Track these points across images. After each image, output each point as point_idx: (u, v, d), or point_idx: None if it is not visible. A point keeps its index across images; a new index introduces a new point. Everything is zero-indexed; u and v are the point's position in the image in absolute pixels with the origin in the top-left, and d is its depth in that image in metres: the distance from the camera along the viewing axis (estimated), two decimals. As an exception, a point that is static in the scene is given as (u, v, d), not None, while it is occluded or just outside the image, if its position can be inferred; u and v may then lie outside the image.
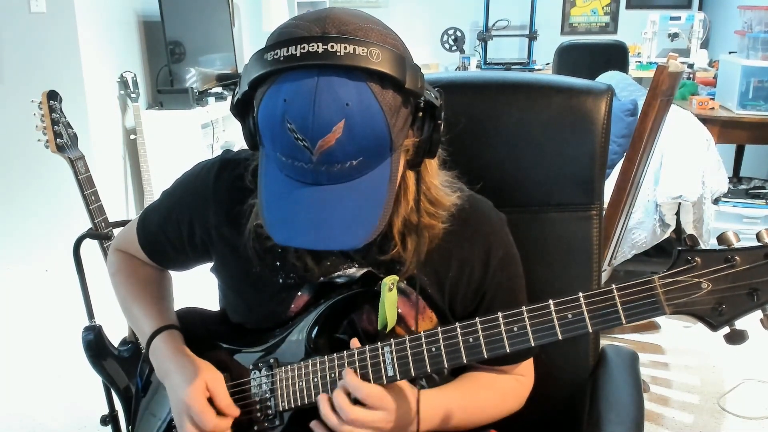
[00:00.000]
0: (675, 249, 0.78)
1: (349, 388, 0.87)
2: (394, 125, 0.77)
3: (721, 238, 0.76)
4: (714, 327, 0.77)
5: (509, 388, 1.05)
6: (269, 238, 0.94)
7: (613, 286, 0.79)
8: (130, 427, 1.16)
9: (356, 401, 0.88)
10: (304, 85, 0.74)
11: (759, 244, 0.74)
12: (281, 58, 0.74)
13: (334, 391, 0.89)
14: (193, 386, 0.96)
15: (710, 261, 0.76)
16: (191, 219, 1.03)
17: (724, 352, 2.65)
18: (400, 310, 0.97)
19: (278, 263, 0.98)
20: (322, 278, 0.98)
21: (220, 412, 0.97)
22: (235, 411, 0.98)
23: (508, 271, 1.02)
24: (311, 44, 0.74)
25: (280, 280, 0.99)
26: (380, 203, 0.80)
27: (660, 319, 2.88)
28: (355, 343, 0.92)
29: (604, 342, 1.24)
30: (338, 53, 0.73)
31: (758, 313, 0.76)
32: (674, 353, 2.68)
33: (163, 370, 1.03)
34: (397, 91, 0.77)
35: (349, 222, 0.79)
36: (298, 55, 0.74)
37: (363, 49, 0.74)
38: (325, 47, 0.73)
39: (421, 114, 0.81)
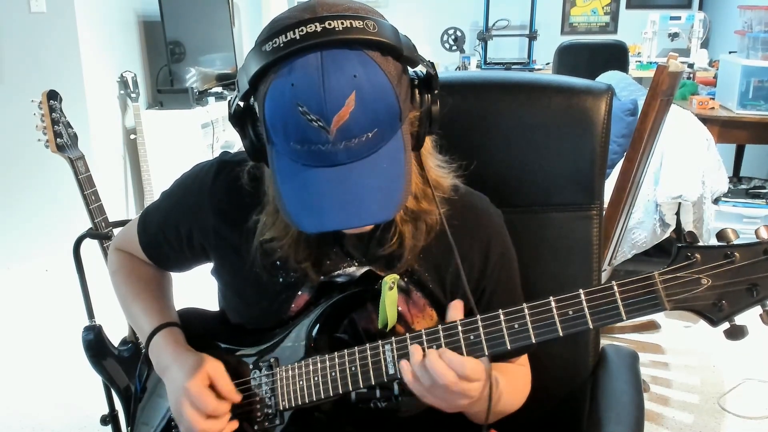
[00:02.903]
0: (675, 245, 0.78)
1: (454, 366, 0.83)
2: (400, 93, 0.78)
3: (721, 235, 0.76)
4: (714, 323, 0.77)
5: (525, 376, 1.07)
6: (272, 240, 0.95)
7: (614, 282, 0.79)
8: (129, 427, 1.16)
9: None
10: (309, 66, 0.74)
11: (757, 240, 0.75)
12: (281, 45, 0.75)
13: (428, 357, 0.84)
14: (192, 374, 0.96)
15: (710, 257, 0.76)
16: (190, 221, 1.03)
17: (724, 352, 2.65)
18: (400, 309, 0.97)
19: (278, 263, 0.98)
20: (322, 277, 0.98)
21: (220, 397, 0.97)
22: (236, 396, 0.97)
23: (507, 267, 1.03)
24: (309, 26, 0.75)
25: (281, 280, 0.99)
26: (401, 173, 0.80)
27: (660, 319, 2.88)
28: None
29: (604, 342, 1.25)
30: (336, 29, 0.74)
31: (758, 309, 0.76)
32: (674, 353, 2.68)
33: (162, 366, 1.03)
34: (396, 59, 0.78)
35: (376, 195, 0.79)
36: (298, 38, 0.74)
37: (359, 23, 0.76)
38: (323, 25, 0.74)
39: (417, 85, 0.83)
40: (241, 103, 0.82)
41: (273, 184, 0.83)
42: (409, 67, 0.82)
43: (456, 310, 0.90)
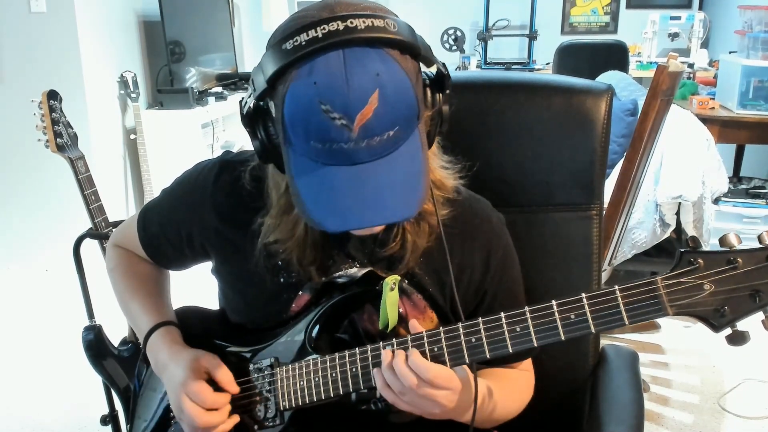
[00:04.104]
0: (677, 250, 0.78)
1: (416, 369, 0.84)
2: (418, 92, 0.79)
3: (723, 240, 0.76)
4: (716, 328, 0.77)
5: (526, 382, 1.07)
6: (275, 242, 0.95)
7: (616, 287, 0.79)
8: (129, 427, 1.16)
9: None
10: (332, 64, 0.74)
11: (760, 246, 0.75)
12: (303, 43, 0.74)
13: (394, 359, 0.86)
14: (189, 369, 0.96)
15: (713, 263, 0.76)
16: (191, 220, 1.03)
17: (724, 352, 2.65)
18: (401, 310, 0.97)
19: (280, 264, 0.98)
20: (323, 278, 0.98)
21: (219, 389, 0.97)
22: (234, 387, 0.98)
23: (509, 272, 1.03)
24: (331, 24, 0.74)
25: (282, 280, 0.99)
26: (420, 171, 0.80)
27: (660, 319, 2.88)
28: (415, 324, 0.90)
29: (604, 342, 1.25)
30: (359, 27, 0.74)
31: (760, 315, 0.76)
32: (674, 353, 2.68)
33: (160, 364, 1.03)
34: (414, 59, 0.79)
35: (397, 193, 0.79)
36: (320, 36, 0.74)
37: (380, 21, 0.76)
38: (345, 24, 0.74)
39: (429, 84, 0.84)
40: (253, 104, 0.82)
41: (290, 185, 0.81)
42: (423, 66, 0.83)
43: (415, 329, 0.90)
